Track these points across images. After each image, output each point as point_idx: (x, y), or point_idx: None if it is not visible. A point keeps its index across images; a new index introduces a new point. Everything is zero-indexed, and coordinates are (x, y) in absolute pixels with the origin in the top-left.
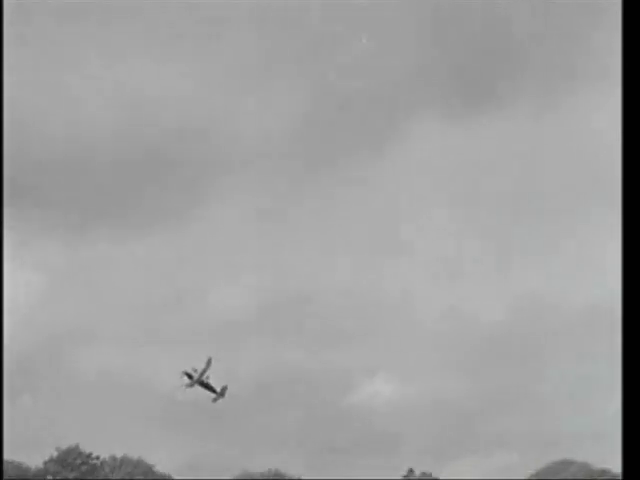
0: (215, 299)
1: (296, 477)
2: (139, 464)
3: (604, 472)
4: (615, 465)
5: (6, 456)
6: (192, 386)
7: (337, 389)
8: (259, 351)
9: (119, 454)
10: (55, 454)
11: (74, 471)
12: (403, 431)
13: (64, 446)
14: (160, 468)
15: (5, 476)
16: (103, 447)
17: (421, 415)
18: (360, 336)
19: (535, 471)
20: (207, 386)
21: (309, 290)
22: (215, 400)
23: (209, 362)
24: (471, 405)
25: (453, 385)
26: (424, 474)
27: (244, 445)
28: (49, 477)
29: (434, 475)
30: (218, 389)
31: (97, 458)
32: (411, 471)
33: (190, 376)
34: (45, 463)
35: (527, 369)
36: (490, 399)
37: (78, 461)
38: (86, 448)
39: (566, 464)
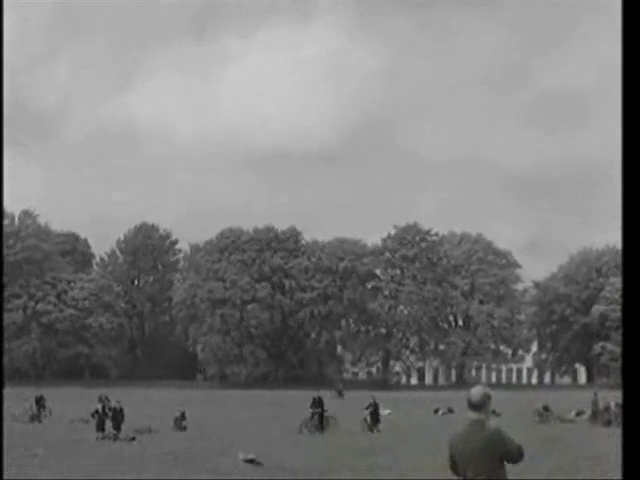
0: (563, 74)
1: None
2: (479, 240)
3: None
4: None
5: (344, 235)
6: None
7: None
8: (602, 127)
9: (458, 231)
10: (393, 232)
11: (413, 248)
12: None
13: (402, 223)
14: (500, 245)
15: (341, 253)
16: (441, 224)
17: None
18: None
19: None
20: None
21: None
22: None
23: None
24: None
25: None
26: None
27: (586, 222)
28: (387, 254)
29: None
30: None
31: (436, 235)
32: None
33: None
34: (383, 240)
35: None
36: None
37: (417, 238)
38: (424, 225)
39: None
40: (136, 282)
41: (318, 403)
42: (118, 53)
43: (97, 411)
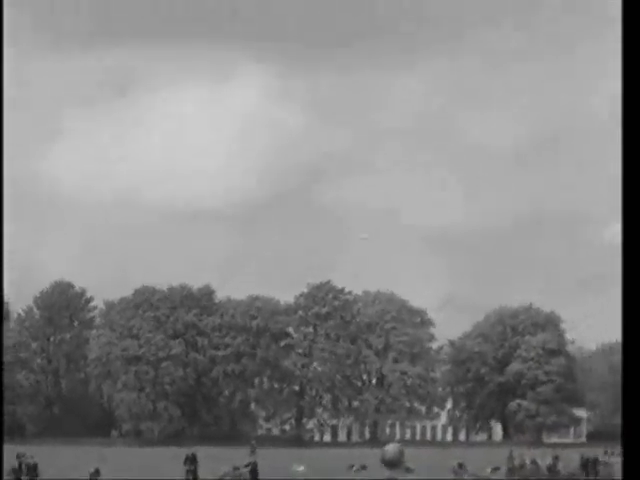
0: (476, 132)
1: (549, 312)
2: (392, 299)
3: None
4: None
5: (258, 292)
6: None
7: (596, 222)
8: (518, 186)
9: (372, 289)
10: (306, 290)
11: (326, 306)
12: None
13: (315, 281)
14: (415, 303)
15: (254, 311)
16: (355, 282)
17: None
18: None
19: None
20: None
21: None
22: None
23: None
24: None
25: None
26: None
27: (502, 280)
28: (300, 312)
29: None
30: None
31: (350, 293)
32: None
33: None
34: (296, 298)
35: None
36: None
37: (330, 296)
38: (338, 283)
39: None
40: (52, 339)
41: (192, 460)
42: (38, 112)
43: (14, 468)
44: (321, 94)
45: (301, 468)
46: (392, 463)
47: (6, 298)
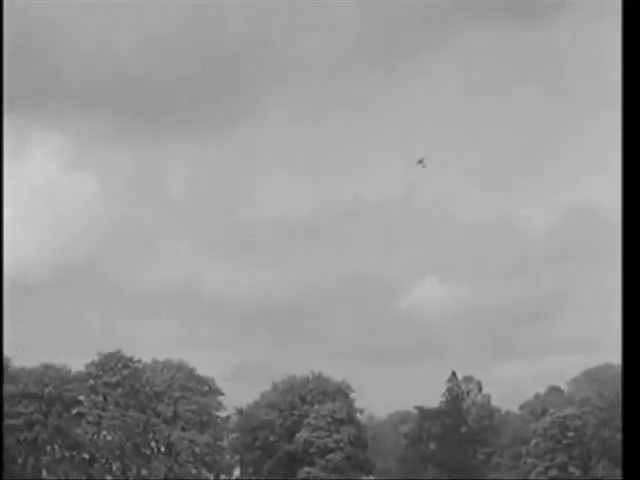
0: (267, 206)
1: (339, 381)
2: (181, 367)
3: None
4: None
5: (48, 360)
6: None
7: (386, 294)
8: (309, 257)
9: (162, 358)
10: (96, 358)
11: (115, 375)
12: (450, 336)
13: (105, 350)
14: (203, 372)
15: (46, 379)
16: (145, 352)
17: (469, 320)
18: (410, 242)
19: (578, 374)
20: None
21: (361, 198)
22: None
23: None
24: (519, 310)
25: (502, 290)
26: (467, 378)
27: (291, 350)
28: (90, 381)
29: (476, 378)
30: None
31: (139, 362)
32: (454, 375)
33: None
34: (86, 366)
35: (576, 275)
36: (537, 304)
37: (119, 365)
38: (127, 353)
39: (607, 368)
40: None
41: None
42: None
43: None
44: (118, 166)
45: None
46: None
47: None
